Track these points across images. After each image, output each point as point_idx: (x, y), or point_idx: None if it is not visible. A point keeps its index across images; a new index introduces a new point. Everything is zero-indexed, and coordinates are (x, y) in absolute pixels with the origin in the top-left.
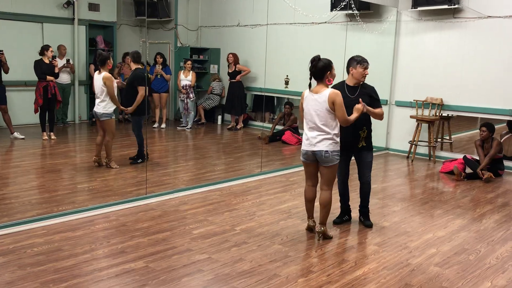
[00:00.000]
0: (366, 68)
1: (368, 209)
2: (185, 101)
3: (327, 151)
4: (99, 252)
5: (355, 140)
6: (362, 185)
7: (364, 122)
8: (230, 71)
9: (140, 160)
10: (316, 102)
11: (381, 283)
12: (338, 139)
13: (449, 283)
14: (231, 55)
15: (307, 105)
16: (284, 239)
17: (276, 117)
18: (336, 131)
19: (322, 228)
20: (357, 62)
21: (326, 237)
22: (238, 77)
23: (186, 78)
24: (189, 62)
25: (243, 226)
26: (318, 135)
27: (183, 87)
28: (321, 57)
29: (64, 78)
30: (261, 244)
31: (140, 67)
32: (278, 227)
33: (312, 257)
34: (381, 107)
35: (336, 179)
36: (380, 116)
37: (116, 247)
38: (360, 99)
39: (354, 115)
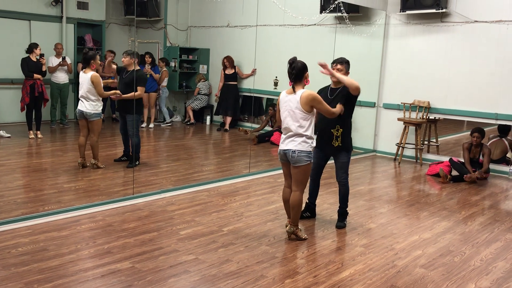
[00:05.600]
0: (333, 69)
1: (346, 211)
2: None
3: (294, 150)
4: (85, 252)
5: (328, 138)
6: (338, 186)
7: (337, 120)
8: (229, 73)
9: (137, 163)
10: (290, 102)
11: (367, 284)
12: (310, 141)
13: (434, 285)
14: (225, 59)
15: (282, 106)
16: (271, 240)
17: (265, 117)
18: (308, 132)
19: (292, 228)
20: (330, 64)
21: (298, 238)
22: (244, 75)
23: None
24: (160, 61)
25: (230, 227)
26: (290, 135)
27: None
28: (307, 59)
29: (62, 77)
30: (248, 245)
31: (138, 67)
32: (266, 228)
33: (299, 258)
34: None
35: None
36: (353, 85)
37: (102, 247)
38: (339, 104)
39: (337, 108)
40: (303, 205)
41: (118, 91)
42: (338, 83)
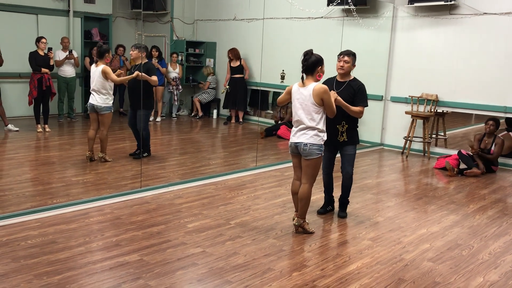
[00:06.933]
0: (340, 60)
1: (348, 201)
2: (174, 92)
3: (306, 143)
4: (94, 245)
5: (334, 133)
6: (342, 177)
7: (342, 117)
8: (234, 66)
9: (145, 154)
10: (302, 95)
11: (374, 277)
12: (322, 134)
13: (442, 278)
14: (229, 52)
15: (293, 99)
16: (278, 234)
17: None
18: (320, 126)
19: (299, 221)
20: (337, 56)
21: (305, 231)
22: (246, 76)
23: (174, 71)
24: (174, 54)
25: (237, 220)
26: (301, 128)
27: (172, 79)
28: (314, 52)
29: (68, 71)
30: (255, 238)
31: (146, 60)
32: (273, 221)
33: (306, 251)
34: (362, 106)
35: (321, 171)
36: (355, 113)
37: (110, 240)
38: (333, 92)
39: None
40: (321, 201)
41: (139, 73)
42: (345, 76)
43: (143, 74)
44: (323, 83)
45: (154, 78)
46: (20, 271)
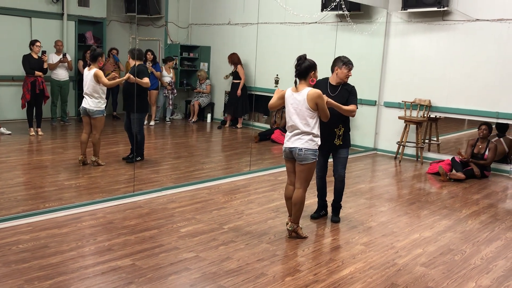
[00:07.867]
0: (350, 69)
1: (340, 205)
2: (170, 96)
3: (301, 148)
4: (86, 249)
5: (331, 137)
6: (335, 181)
7: (339, 120)
8: (232, 71)
9: (139, 158)
10: (296, 100)
11: (367, 282)
12: (316, 139)
13: (435, 283)
14: (228, 56)
15: (287, 104)
16: (272, 238)
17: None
18: (315, 130)
19: (293, 226)
20: (343, 63)
21: (299, 236)
22: (238, 91)
23: (169, 75)
24: (171, 62)
25: (231, 224)
26: (296, 133)
27: (168, 83)
28: (308, 57)
29: (62, 74)
30: (248, 243)
31: (141, 63)
32: (266, 226)
33: (299, 256)
34: (355, 104)
35: (315, 176)
36: (348, 112)
37: (102, 244)
38: (325, 95)
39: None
40: (314, 206)
41: (130, 75)
42: (339, 81)
43: (134, 77)
44: (315, 84)
45: (146, 80)
46: (11, 275)
